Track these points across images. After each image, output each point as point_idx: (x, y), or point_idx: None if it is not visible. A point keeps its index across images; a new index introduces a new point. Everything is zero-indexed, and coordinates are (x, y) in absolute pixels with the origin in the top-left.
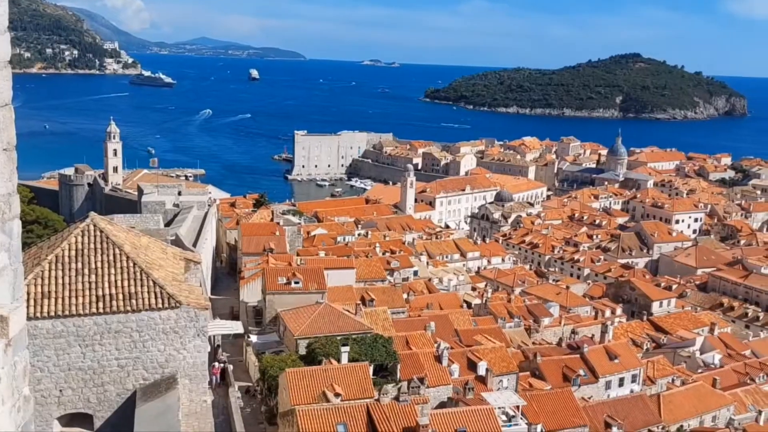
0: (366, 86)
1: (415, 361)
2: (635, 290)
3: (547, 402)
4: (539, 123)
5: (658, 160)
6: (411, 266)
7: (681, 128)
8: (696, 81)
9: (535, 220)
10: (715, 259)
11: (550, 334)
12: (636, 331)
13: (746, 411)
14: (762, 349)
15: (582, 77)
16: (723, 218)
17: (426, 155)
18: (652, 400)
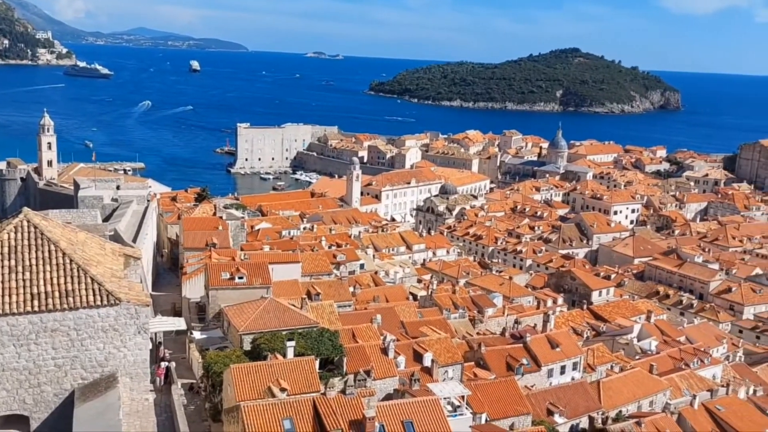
0: (310, 79)
1: (362, 354)
2: (576, 280)
3: (492, 391)
4: (482, 116)
5: (597, 153)
6: (357, 259)
7: (618, 121)
8: (632, 76)
9: (478, 212)
10: (651, 248)
11: (494, 324)
12: (576, 319)
13: (681, 395)
14: (696, 336)
15: (523, 71)
16: (658, 209)
17: (371, 148)
18: (592, 387)
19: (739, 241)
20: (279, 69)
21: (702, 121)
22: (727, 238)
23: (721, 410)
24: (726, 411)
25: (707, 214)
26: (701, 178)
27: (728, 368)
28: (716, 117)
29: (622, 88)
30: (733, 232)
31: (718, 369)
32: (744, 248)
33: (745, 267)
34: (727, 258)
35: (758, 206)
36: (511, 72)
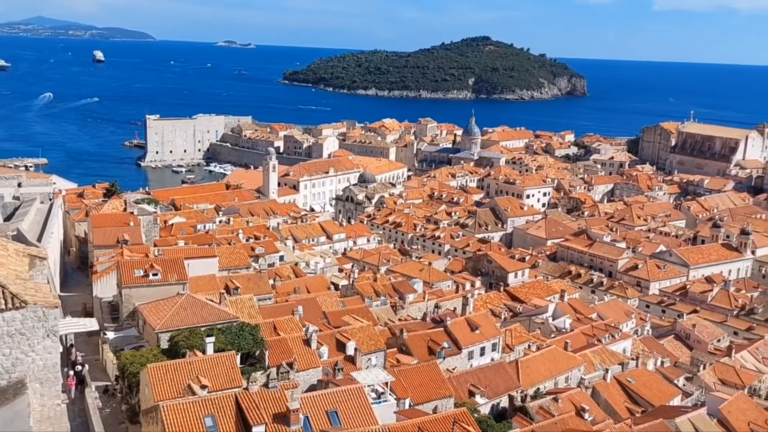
0: (222, 68)
1: (284, 347)
2: (492, 263)
3: (414, 376)
4: (398, 105)
5: (509, 139)
6: (276, 251)
7: (529, 108)
8: (541, 63)
9: (397, 200)
10: (563, 230)
11: (415, 309)
12: (494, 301)
13: (595, 370)
14: (607, 312)
15: (436, 60)
16: (568, 192)
17: (288, 138)
18: (511, 367)
19: (643, 220)
20: (188, 58)
21: (606, 106)
22: (633, 218)
23: (632, 382)
24: (636, 383)
25: (614, 196)
26: (607, 161)
27: (637, 342)
28: (620, 102)
29: (532, 75)
30: (637, 211)
31: (627, 343)
32: (648, 227)
33: (650, 245)
34: (633, 237)
35: (660, 186)
36: (424, 60)
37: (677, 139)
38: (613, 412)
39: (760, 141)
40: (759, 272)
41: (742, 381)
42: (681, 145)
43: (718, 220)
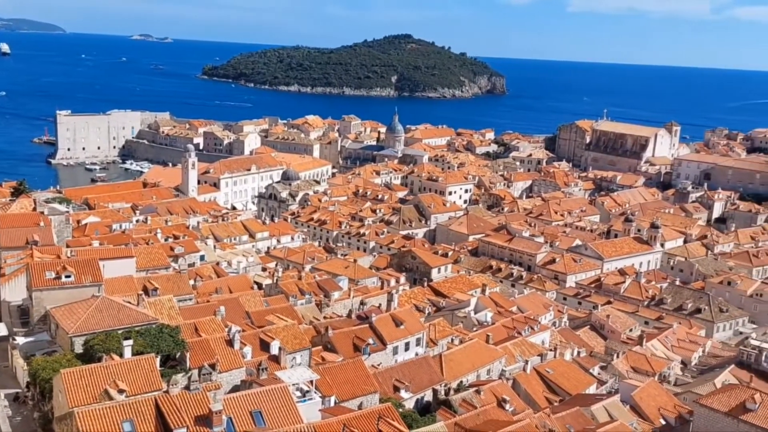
0: (137, 62)
1: (206, 348)
2: (416, 259)
3: (340, 373)
4: (321, 101)
5: (432, 137)
6: (197, 251)
7: (450, 106)
8: (461, 62)
9: (321, 197)
10: (484, 225)
11: (341, 306)
12: (418, 297)
13: (515, 362)
14: (526, 305)
15: (359, 57)
16: (489, 188)
17: (207, 135)
18: (435, 361)
19: (560, 215)
20: (102, 52)
21: (525, 105)
22: (550, 213)
23: (551, 372)
24: (554, 373)
25: (532, 192)
26: (526, 158)
27: (555, 333)
28: (537, 101)
29: (453, 73)
30: (555, 207)
31: (546, 335)
32: (565, 222)
33: (567, 239)
34: (551, 231)
35: (576, 183)
36: (347, 57)
37: (591, 137)
38: (532, 402)
39: (669, 139)
40: (668, 264)
41: (653, 368)
42: (595, 143)
43: (630, 214)
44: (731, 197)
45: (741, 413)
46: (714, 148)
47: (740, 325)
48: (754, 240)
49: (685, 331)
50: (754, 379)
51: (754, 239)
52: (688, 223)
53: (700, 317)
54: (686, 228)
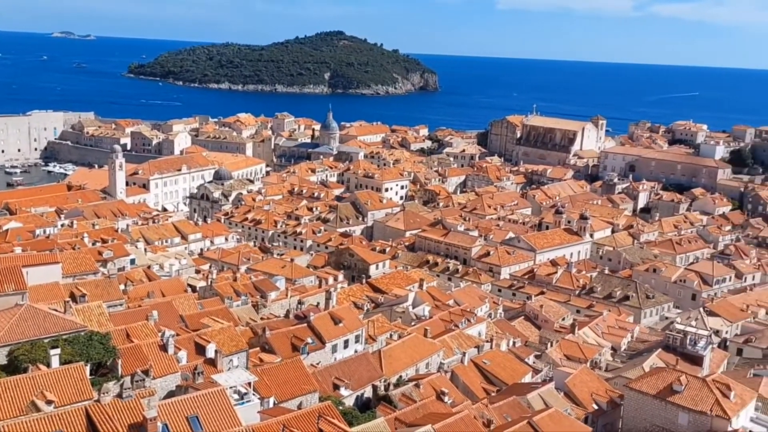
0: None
1: (138, 354)
2: (354, 256)
3: (278, 374)
4: (253, 99)
5: (367, 134)
6: (127, 255)
7: (384, 102)
8: (394, 58)
9: (256, 196)
10: (420, 221)
11: (278, 307)
12: (357, 294)
13: (453, 354)
14: (463, 298)
15: (291, 54)
16: (424, 184)
17: (135, 135)
18: (374, 357)
19: (493, 209)
20: (20, 50)
21: (457, 101)
22: (484, 207)
23: (487, 363)
24: (491, 363)
25: (466, 187)
26: (459, 154)
27: (491, 325)
28: (469, 97)
29: (386, 70)
30: (488, 201)
31: (482, 326)
32: (498, 215)
33: (500, 232)
34: (485, 225)
35: (508, 177)
36: (278, 54)
37: (522, 132)
38: (470, 394)
39: (595, 132)
40: (597, 254)
41: (585, 355)
42: (525, 138)
43: (560, 206)
44: (655, 188)
45: (668, 395)
46: (638, 141)
47: (665, 311)
48: (677, 228)
49: (614, 318)
50: (679, 361)
51: (677, 228)
52: (615, 214)
53: (628, 304)
54: (613, 218)
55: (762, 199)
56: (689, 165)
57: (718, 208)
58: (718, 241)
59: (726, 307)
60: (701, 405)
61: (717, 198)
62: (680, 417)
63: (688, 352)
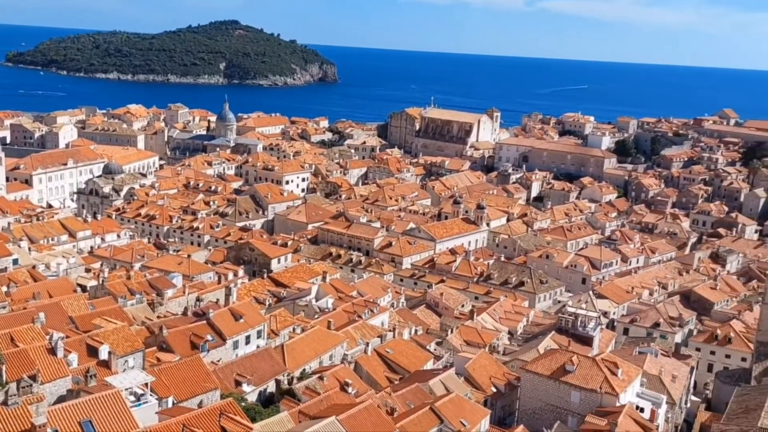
0: None
1: (24, 359)
2: (254, 251)
3: (176, 373)
4: (144, 90)
5: (265, 125)
6: (9, 254)
7: (282, 94)
8: (292, 49)
9: (149, 191)
10: (322, 213)
11: (176, 304)
12: (258, 289)
13: (356, 345)
14: (366, 289)
15: (184, 43)
16: (326, 176)
17: (15, 127)
18: (277, 351)
19: (395, 200)
20: None
21: (357, 93)
22: (385, 199)
23: (390, 352)
24: (394, 352)
25: (367, 178)
26: (360, 146)
27: (393, 314)
28: (369, 89)
29: (284, 61)
30: (389, 192)
31: (385, 316)
32: (399, 206)
33: (402, 223)
34: (386, 216)
35: (408, 168)
36: (170, 43)
37: (421, 124)
38: (374, 383)
39: (490, 124)
40: (493, 242)
41: (483, 340)
42: (424, 130)
43: (458, 197)
44: (547, 177)
45: (561, 375)
46: (530, 133)
47: (558, 295)
48: (568, 216)
49: (510, 303)
50: (571, 343)
51: (568, 215)
52: (510, 203)
53: (524, 289)
54: (508, 207)
55: (644, 187)
56: (578, 155)
57: (604, 196)
58: (605, 228)
59: (613, 290)
60: (591, 383)
61: (604, 186)
62: (572, 395)
63: (579, 334)
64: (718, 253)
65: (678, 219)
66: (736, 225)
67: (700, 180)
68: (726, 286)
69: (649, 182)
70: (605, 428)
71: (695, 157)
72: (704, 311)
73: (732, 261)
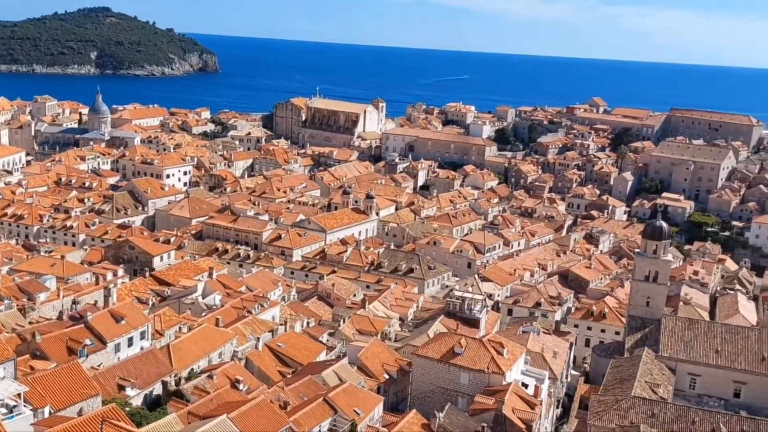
0: None
1: None
2: (135, 249)
3: (53, 381)
4: (6, 80)
5: (143, 117)
6: None
7: (160, 84)
8: (169, 38)
9: (16, 189)
10: (207, 208)
11: (49, 309)
12: (140, 288)
13: (247, 341)
14: (255, 283)
15: (50, 31)
16: (209, 169)
17: None
18: (162, 352)
19: (283, 192)
20: None
21: (239, 83)
22: (273, 191)
23: (282, 346)
24: (286, 346)
25: (254, 170)
26: (245, 137)
27: (285, 308)
28: (251, 79)
29: (160, 50)
30: (277, 184)
31: (276, 310)
32: (288, 198)
33: (290, 215)
34: (275, 208)
35: (296, 159)
36: (35, 31)
37: (307, 115)
38: (266, 378)
39: (376, 114)
40: (383, 230)
41: (375, 328)
42: (310, 120)
43: (347, 187)
44: (432, 166)
45: (450, 358)
46: (415, 122)
47: (446, 280)
48: (453, 203)
49: (401, 290)
50: (459, 326)
51: (453, 202)
52: (398, 192)
53: (413, 276)
54: (396, 196)
55: (523, 173)
56: (461, 144)
57: (486, 183)
58: (488, 213)
59: (497, 273)
60: (479, 364)
61: (485, 174)
62: (461, 377)
63: (467, 317)
64: (592, 234)
65: (555, 203)
66: (607, 207)
67: (574, 165)
68: (600, 265)
69: (528, 168)
70: (493, 407)
71: (569, 144)
72: (581, 289)
73: (604, 241)
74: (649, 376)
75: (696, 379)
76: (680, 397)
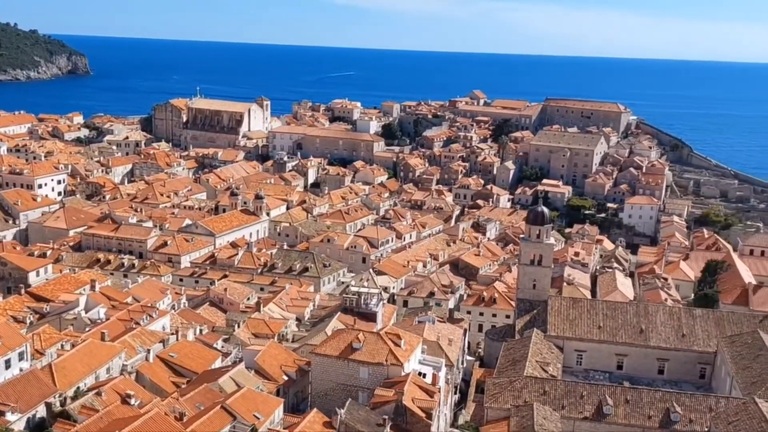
0: None
1: None
2: (7, 264)
3: None
4: None
5: (8, 125)
6: None
7: (26, 89)
8: (33, 40)
9: None
10: (85, 217)
11: None
12: (15, 306)
13: (136, 353)
14: (142, 293)
15: None
16: (85, 176)
17: None
18: (44, 372)
19: (166, 197)
20: None
21: (113, 86)
22: (156, 196)
23: (174, 356)
24: (179, 356)
25: (134, 176)
26: (122, 141)
27: (175, 316)
28: (126, 80)
29: (24, 53)
30: (160, 189)
31: (166, 320)
32: (172, 203)
33: (176, 220)
34: (159, 214)
35: (179, 162)
36: None
37: (188, 116)
38: (159, 390)
39: (261, 113)
40: (275, 231)
41: (272, 330)
42: (192, 121)
43: (235, 188)
44: (321, 163)
45: (349, 353)
46: (302, 120)
47: (341, 276)
48: (345, 199)
49: (296, 290)
50: (357, 321)
51: (344, 199)
52: (288, 191)
53: (308, 275)
54: (287, 195)
55: (411, 167)
56: (349, 140)
57: (377, 178)
58: (379, 208)
59: (391, 266)
60: (378, 357)
61: (375, 169)
62: (361, 372)
63: (363, 311)
64: (479, 223)
65: (442, 194)
66: (491, 196)
67: (459, 157)
68: (488, 252)
69: (415, 162)
70: (393, 398)
71: (453, 137)
72: (471, 277)
73: (491, 228)
74: (540, 356)
75: (582, 355)
76: (569, 374)
